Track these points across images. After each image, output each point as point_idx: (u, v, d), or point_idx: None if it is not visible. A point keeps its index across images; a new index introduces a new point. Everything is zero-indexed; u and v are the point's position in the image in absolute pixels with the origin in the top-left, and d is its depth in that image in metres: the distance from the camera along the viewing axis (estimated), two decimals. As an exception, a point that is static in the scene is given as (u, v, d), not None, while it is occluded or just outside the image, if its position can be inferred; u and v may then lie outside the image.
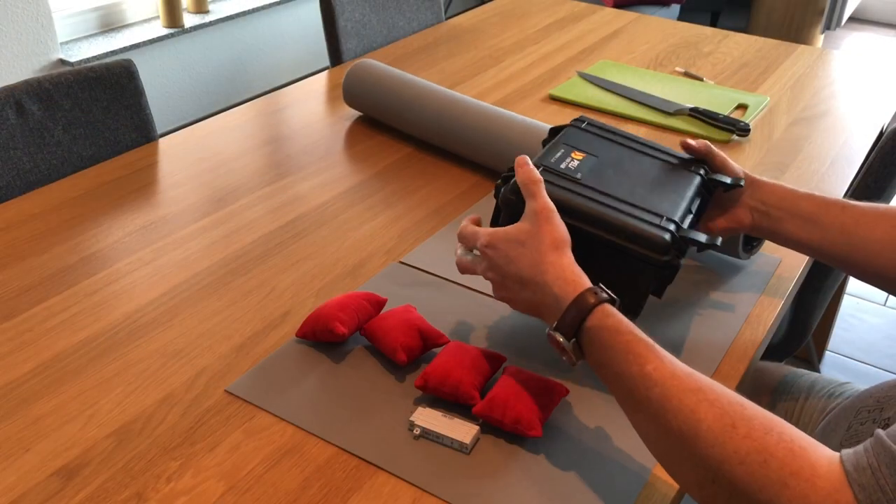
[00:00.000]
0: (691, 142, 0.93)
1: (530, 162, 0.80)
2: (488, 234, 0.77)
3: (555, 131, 0.96)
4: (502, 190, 0.84)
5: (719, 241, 0.81)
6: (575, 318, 0.69)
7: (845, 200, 0.88)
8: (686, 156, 0.94)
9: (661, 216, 0.81)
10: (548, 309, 0.73)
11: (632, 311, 0.82)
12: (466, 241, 0.80)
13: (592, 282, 0.77)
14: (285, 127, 1.39)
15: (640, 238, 0.78)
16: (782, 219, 0.88)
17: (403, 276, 1.00)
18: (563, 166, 0.86)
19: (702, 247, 0.80)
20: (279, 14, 3.30)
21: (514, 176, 0.83)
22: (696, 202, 0.87)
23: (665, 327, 0.92)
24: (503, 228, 0.77)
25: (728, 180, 0.89)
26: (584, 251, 0.80)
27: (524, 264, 0.74)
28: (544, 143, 0.97)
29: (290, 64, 3.46)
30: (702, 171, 0.90)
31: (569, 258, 0.74)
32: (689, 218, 0.84)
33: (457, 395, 0.78)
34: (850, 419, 0.82)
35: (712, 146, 0.92)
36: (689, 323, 0.93)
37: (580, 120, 0.97)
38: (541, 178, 0.78)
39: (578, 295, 0.70)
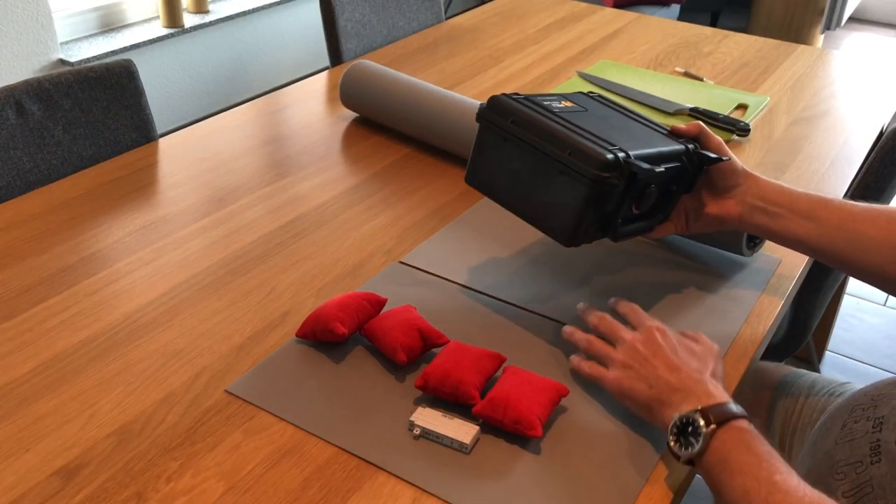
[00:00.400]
0: (681, 125, 0.93)
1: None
2: (660, 322, 0.81)
3: None
4: (480, 107, 0.85)
5: (662, 168, 0.80)
6: (728, 412, 0.70)
7: (843, 199, 0.88)
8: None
9: (614, 145, 0.80)
10: (686, 394, 0.72)
11: (566, 236, 0.82)
12: (632, 314, 0.83)
13: (532, 202, 0.80)
14: (285, 127, 1.39)
15: (580, 152, 0.78)
16: (780, 215, 0.88)
17: (403, 276, 1.00)
18: (545, 103, 0.87)
19: (643, 172, 0.78)
20: (279, 14, 3.30)
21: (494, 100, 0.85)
22: (672, 165, 0.86)
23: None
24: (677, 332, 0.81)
25: (712, 155, 0.89)
26: (528, 168, 0.81)
27: (688, 360, 0.76)
28: None
29: (290, 64, 3.46)
30: (690, 145, 0.90)
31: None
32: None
33: (457, 394, 0.78)
34: (845, 417, 0.82)
35: (706, 128, 0.92)
36: (689, 323, 0.93)
37: (591, 93, 0.98)
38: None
39: (733, 402, 0.71)
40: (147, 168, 1.25)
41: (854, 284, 2.38)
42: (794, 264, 1.04)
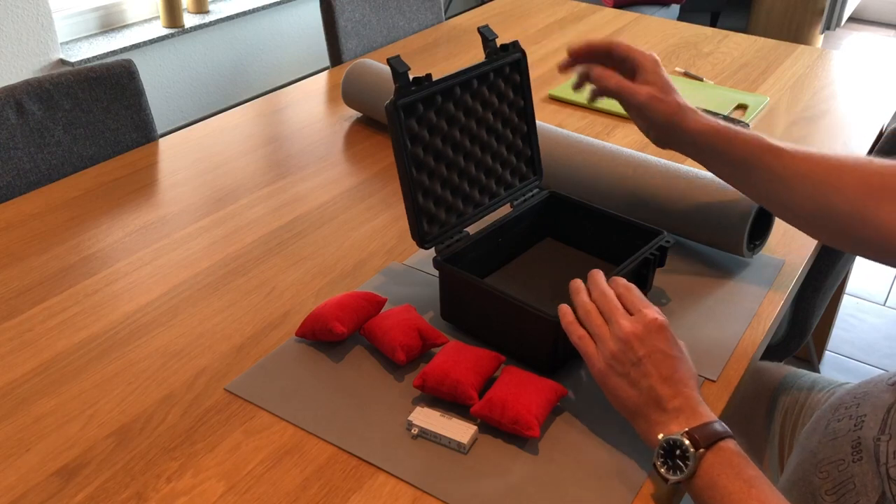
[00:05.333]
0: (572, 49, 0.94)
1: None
2: (659, 312, 0.75)
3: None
4: (434, 259, 0.89)
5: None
6: (716, 433, 0.67)
7: (780, 146, 0.84)
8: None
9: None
10: (675, 413, 0.70)
11: (548, 369, 0.84)
12: (627, 296, 0.77)
13: (506, 337, 0.84)
14: (285, 127, 1.39)
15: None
16: (709, 161, 0.89)
17: (403, 276, 1.00)
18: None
19: None
20: (279, 14, 3.31)
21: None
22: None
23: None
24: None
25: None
26: (495, 308, 0.85)
27: (680, 368, 0.72)
28: None
29: (290, 64, 3.46)
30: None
31: None
32: None
33: (455, 394, 0.78)
34: (829, 417, 0.82)
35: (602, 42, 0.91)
36: (693, 325, 0.93)
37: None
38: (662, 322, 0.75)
39: (718, 420, 0.69)
40: (147, 168, 1.25)
41: (854, 284, 2.38)
42: (795, 265, 1.04)
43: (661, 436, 0.69)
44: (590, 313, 0.77)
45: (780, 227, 1.10)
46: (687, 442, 0.67)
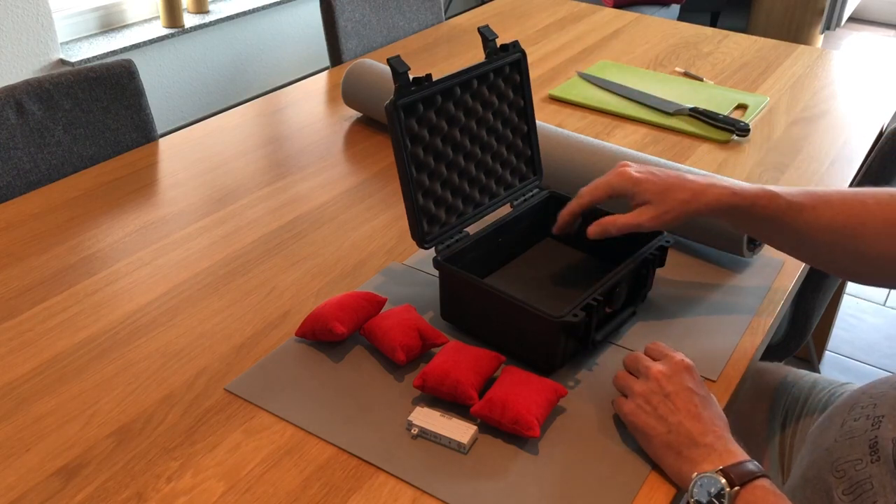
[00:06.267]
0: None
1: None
2: (685, 357, 0.77)
3: None
4: (434, 259, 0.88)
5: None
6: (751, 472, 0.68)
7: (799, 200, 0.84)
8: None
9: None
10: (707, 449, 0.70)
11: (547, 369, 0.84)
12: (655, 347, 0.79)
13: (507, 336, 0.83)
14: (285, 127, 1.39)
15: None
16: (737, 226, 0.89)
17: (403, 276, 1.00)
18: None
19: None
20: (279, 14, 3.31)
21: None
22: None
23: (669, 330, 0.92)
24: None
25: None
26: (496, 308, 0.84)
27: (710, 408, 0.73)
28: None
29: (290, 64, 3.46)
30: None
31: None
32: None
33: (455, 394, 0.78)
34: (845, 415, 0.82)
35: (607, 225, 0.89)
36: (693, 324, 0.93)
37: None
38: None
39: (752, 460, 0.69)
40: (147, 168, 1.25)
41: (854, 284, 2.38)
42: (795, 264, 1.04)
43: (694, 474, 0.69)
44: (617, 377, 0.79)
45: (780, 227, 1.10)
46: (722, 480, 0.67)
